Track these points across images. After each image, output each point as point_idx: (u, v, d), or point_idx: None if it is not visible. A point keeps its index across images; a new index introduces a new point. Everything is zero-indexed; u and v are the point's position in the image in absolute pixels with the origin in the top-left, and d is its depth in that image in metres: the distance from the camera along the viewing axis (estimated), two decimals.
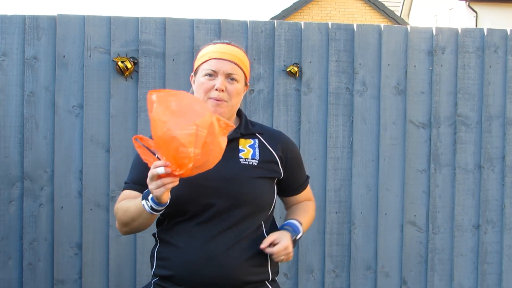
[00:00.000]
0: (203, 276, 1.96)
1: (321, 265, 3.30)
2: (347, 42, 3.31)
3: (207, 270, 1.96)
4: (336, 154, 3.30)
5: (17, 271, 3.16)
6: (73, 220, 3.17)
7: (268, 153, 2.11)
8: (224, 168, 1.97)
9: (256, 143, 2.11)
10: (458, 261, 3.38)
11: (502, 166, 3.39)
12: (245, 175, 2.03)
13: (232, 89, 2.03)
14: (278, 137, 2.18)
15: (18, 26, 3.14)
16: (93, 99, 3.18)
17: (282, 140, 2.18)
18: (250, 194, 2.03)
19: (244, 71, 2.10)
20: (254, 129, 2.15)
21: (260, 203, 2.06)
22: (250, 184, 2.04)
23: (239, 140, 2.09)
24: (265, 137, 2.14)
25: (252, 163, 2.05)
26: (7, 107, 3.14)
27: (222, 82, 2.01)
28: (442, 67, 3.35)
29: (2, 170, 3.14)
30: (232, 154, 2.04)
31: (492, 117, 3.38)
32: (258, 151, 2.09)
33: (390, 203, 3.33)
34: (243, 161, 2.05)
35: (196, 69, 2.10)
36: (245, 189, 2.02)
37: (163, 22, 3.21)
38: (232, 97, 2.04)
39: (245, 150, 2.08)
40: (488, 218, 3.39)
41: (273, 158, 2.11)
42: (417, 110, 3.35)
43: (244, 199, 2.01)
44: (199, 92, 2.05)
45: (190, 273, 1.97)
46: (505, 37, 3.39)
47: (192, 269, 1.96)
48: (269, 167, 2.10)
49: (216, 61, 2.04)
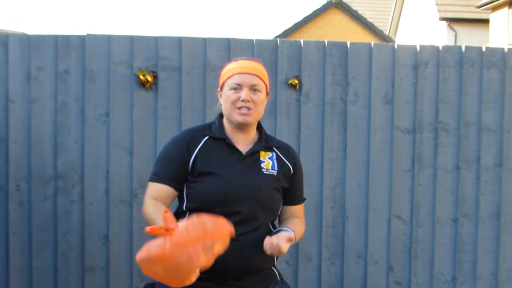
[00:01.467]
0: (227, 266, 1.97)
1: (318, 254, 3.30)
2: (342, 58, 3.30)
3: (231, 261, 1.96)
4: (331, 156, 3.30)
5: (52, 260, 3.17)
6: (100, 214, 3.18)
7: (285, 165, 2.12)
8: (250, 177, 2.01)
9: (274, 155, 2.12)
10: (438, 250, 3.37)
11: (478, 167, 3.38)
12: (268, 185, 2.04)
13: (256, 98, 2.03)
14: (291, 151, 2.18)
15: (52, 44, 3.15)
16: (117, 108, 3.18)
17: (293, 154, 2.18)
18: (271, 203, 2.05)
19: (265, 82, 2.10)
20: (272, 144, 2.15)
21: (276, 209, 2.10)
22: (271, 193, 2.06)
23: (260, 153, 2.09)
24: (280, 151, 2.15)
25: (273, 173, 2.07)
26: (43, 116, 3.15)
27: (247, 93, 2.01)
28: (425, 79, 3.34)
29: (38, 171, 3.15)
30: (255, 164, 2.05)
31: (469, 124, 3.37)
32: (276, 163, 2.10)
33: (379, 199, 3.33)
34: (265, 171, 2.05)
35: (222, 85, 2.08)
36: (268, 197, 2.04)
37: (179, 41, 3.21)
38: (258, 105, 2.04)
39: (265, 161, 2.08)
40: (464, 213, 3.38)
41: (288, 170, 2.12)
42: (403, 118, 3.34)
43: (266, 207, 2.03)
44: (226, 104, 2.04)
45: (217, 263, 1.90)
46: (481, 54, 3.38)
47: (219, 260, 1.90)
48: (285, 177, 2.11)
49: (240, 75, 2.03)
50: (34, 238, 3.16)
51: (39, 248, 3.17)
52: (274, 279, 2.12)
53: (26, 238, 3.16)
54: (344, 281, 3.32)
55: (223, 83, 2.08)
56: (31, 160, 3.15)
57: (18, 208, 3.15)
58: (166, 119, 3.21)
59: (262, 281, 2.07)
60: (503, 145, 3.40)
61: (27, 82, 3.15)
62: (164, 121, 3.20)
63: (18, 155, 3.15)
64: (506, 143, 3.40)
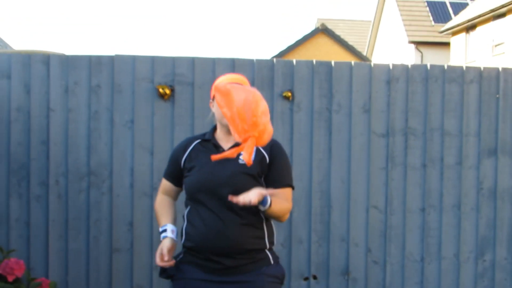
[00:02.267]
0: (215, 247, 1.92)
1: (308, 238, 3.28)
2: (327, 74, 3.29)
3: (217, 242, 1.91)
4: (319, 156, 3.28)
5: (85, 242, 3.16)
6: (126, 205, 3.17)
7: (261, 154, 2.01)
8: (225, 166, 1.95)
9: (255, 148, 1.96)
10: (408, 235, 3.35)
11: (441, 165, 3.36)
12: (241, 171, 1.95)
13: None
14: (272, 144, 2.06)
15: (86, 63, 3.14)
16: (141, 116, 3.17)
17: (274, 146, 2.06)
18: (245, 186, 1.90)
19: None
20: None
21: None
22: (244, 178, 1.95)
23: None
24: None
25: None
26: (78, 122, 3.14)
27: None
28: (397, 92, 3.33)
29: (74, 168, 3.14)
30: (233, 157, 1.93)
31: (433, 129, 3.36)
32: (254, 154, 1.97)
33: (358, 192, 3.31)
34: (241, 161, 1.94)
35: (214, 96, 2.02)
36: (241, 182, 1.93)
37: (192, 60, 3.20)
38: None
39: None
40: (430, 203, 3.36)
41: (264, 158, 2.01)
42: (378, 124, 3.32)
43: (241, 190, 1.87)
44: (218, 111, 1.99)
45: (205, 244, 1.93)
46: (443, 71, 3.37)
47: (206, 241, 1.92)
48: (261, 165, 2.00)
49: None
50: (70, 225, 3.16)
51: (74, 233, 3.16)
52: (267, 261, 2.00)
53: (63, 224, 3.16)
54: (330, 260, 3.30)
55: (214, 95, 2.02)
56: (68, 159, 3.15)
57: (57, 200, 3.14)
58: (181, 125, 3.20)
59: (254, 262, 1.97)
60: (462, 147, 3.39)
61: (65, 94, 3.14)
62: (179, 127, 3.19)
63: (57, 155, 3.14)
64: (465, 145, 3.39)
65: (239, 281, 1.95)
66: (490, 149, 3.39)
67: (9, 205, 3.12)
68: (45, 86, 3.13)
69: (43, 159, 3.13)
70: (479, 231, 3.40)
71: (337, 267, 3.30)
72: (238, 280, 1.94)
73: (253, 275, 1.95)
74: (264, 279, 1.96)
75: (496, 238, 3.41)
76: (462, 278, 3.39)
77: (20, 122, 3.11)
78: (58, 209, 3.14)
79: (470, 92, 3.38)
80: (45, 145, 3.13)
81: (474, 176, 3.38)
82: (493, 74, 3.40)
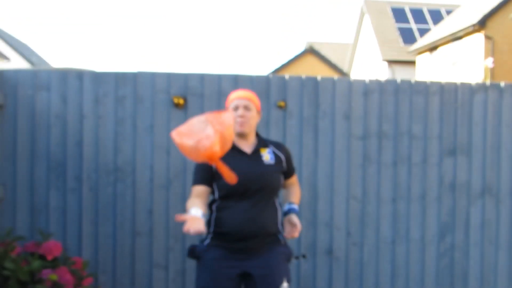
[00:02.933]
0: (246, 231, 2.02)
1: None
2: (314, 87, 3.32)
3: (248, 227, 2.01)
4: (308, 155, 3.31)
5: (112, 227, 3.18)
6: (146, 195, 3.19)
7: (278, 156, 2.18)
8: (255, 168, 2.08)
9: (271, 150, 2.17)
10: (382, 221, 3.37)
11: (409, 163, 3.38)
12: (268, 171, 2.10)
13: (248, 114, 2.10)
14: (281, 146, 2.25)
15: (113, 78, 3.18)
16: (159, 122, 3.20)
17: (283, 147, 2.25)
18: (272, 182, 2.11)
19: (255, 104, 2.15)
20: (268, 143, 2.22)
21: (277, 185, 2.16)
22: (271, 175, 2.11)
23: (260, 150, 2.14)
24: (274, 147, 2.21)
25: (271, 163, 2.13)
26: (106, 127, 3.17)
27: (241, 112, 2.10)
28: (372, 102, 3.36)
29: (103, 165, 3.17)
30: (258, 159, 2.12)
31: (402, 133, 3.38)
32: (273, 155, 2.16)
33: (340, 185, 3.34)
34: (265, 162, 2.12)
35: (228, 106, 2.17)
36: (269, 179, 2.10)
37: (202, 76, 3.24)
38: (249, 119, 2.11)
39: (265, 155, 2.13)
40: (400, 195, 3.38)
41: (281, 159, 2.19)
42: (356, 129, 3.35)
43: (269, 184, 2.09)
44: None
45: (237, 228, 2.02)
46: (411, 85, 3.40)
47: (239, 227, 2.01)
48: (280, 164, 2.17)
49: (237, 100, 2.12)
50: (99, 212, 3.18)
51: (103, 219, 3.18)
52: (278, 243, 2.13)
53: (94, 212, 3.18)
54: (317, 242, 3.33)
55: (228, 105, 2.17)
56: (98, 158, 3.18)
57: (89, 191, 3.17)
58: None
59: (269, 242, 2.09)
60: (426, 148, 3.42)
61: (96, 104, 3.17)
62: None
63: (89, 155, 3.17)
64: (429, 147, 3.42)
65: (258, 257, 2.05)
66: (449, 149, 3.43)
67: (48, 196, 3.15)
68: (78, 97, 3.16)
69: (77, 158, 3.16)
70: (440, 218, 3.43)
71: (323, 247, 3.33)
72: (257, 257, 2.05)
73: (269, 253, 2.07)
74: (277, 256, 2.09)
75: (455, 224, 3.45)
76: (426, 257, 3.43)
77: (58, 127, 3.15)
78: (90, 200, 3.17)
79: (433, 102, 3.42)
80: (79, 146, 3.16)
81: (437, 172, 3.42)
82: (452, 88, 3.44)
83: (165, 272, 3.21)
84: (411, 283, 3.41)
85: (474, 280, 3.46)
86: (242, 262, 2.04)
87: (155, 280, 3.20)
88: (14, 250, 2.82)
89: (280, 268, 2.06)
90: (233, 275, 2.02)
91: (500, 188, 3.46)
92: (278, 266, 2.06)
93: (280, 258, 2.09)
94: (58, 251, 2.85)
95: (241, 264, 2.03)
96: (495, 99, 3.45)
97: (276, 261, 2.06)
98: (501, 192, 3.46)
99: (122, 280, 3.18)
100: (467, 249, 3.45)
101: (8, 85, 3.09)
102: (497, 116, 3.45)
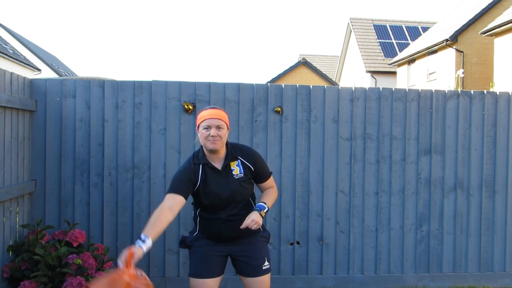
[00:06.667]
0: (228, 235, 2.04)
1: (293, 214, 3.30)
2: (307, 95, 3.31)
3: (230, 233, 2.03)
4: (301, 154, 3.30)
5: (130, 218, 3.18)
6: (160, 190, 3.18)
7: (247, 166, 2.05)
8: (227, 186, 1.99)
9: (239, 162, 2.04)
10: (367, 212, 3.37)
11: (390, 161, 3.38)
12: (239, 184, 2.01)
13: (220, 133, 1.97)
14: (249, 153, 2.06)
15: (131, 86, 3.16)
16: (171, 125, 3.19)
17: (251, 155, 2.06)
18: (245, 192, 2.03)
19: (225, 121, 2.01)
20: (236, 154, 2.04)
21: (250, 193, 2.08)
22: (243, 187, 2.03)
23: (230, 164, 2.02)
24: (242, 157, 2.05)
25: (240, 176, 2.02)
26: (125, 130, 3.16)
27: (214, 131, 1.96)
28: (358, 108, 3.35)
29: (122, 163, 3.16)
30: (228, 174, 2.01)
31: (384, 135, 3.38)
32: (242, 167, 2.03)
33: (330, 180, 3.33)
34: (236, 176, 2.01)
35: (198, 126, 2.02)
36: (242, 191, 2.02)
37: (209, 84, 3.22)
38: (222, 137, 1.98)
39: (234, 169, 2.02)
40: (382, 189, 3.38)
41: (250, 169, 2.05)
42: (344, 131, 3.35)
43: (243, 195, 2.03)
44: (201, 138, 2.00)
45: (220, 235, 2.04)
46: (391, 92, 3.40)
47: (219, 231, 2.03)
48: (250, 173, 2.05)
49: (209, 120, 1.97)
50: (119, 205, 3.17)
51: (122, 211, 3.18)
52: (258, 231, 2.12)
53: (114, 204, 3.17)
54: (309, 230, 3.33)
55: (199, 125, 2.01)
56: (118, 157, 3.17)
57: (109, 186, 3.16)
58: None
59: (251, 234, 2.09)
60: (405, 148, 3.41)
61: (116, 109, 3.16)
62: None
63: (109, 154, 3.16)
64: (407, 147, 3.42)
65: (243, 244, 2.07)
66: (425, 149, 3.42)
67: (74, 191, 3.14)
68: (101, 103, 3.15)
69: (99, 156, 3.15)
70: (418, 209, 3.43)
71: (314, 235, 3.33)
72: (242, 243, 2.07)
73: (251, 239, 2.09)
74: (259, 240, 2.11)
75: (430, 214, 3.44)
76: (405, 243, 3.42)
77: (82, 130, 3.14)
78: (110, 193, 3.16)
79: (411, 108, 3.41)
80: (101, 146, 3.15)
81: (414, 169, 3.41)
82: (428, 95, 3.43)
83: (176, 256, 3.20)
84: (392, 266, 3.41)
85: (447, 263, 3.46)
86: (228, 247, 2.06)
87: (168, 264, 3.20)
88: (44, 238, 2.82)
89: (262, 250, 2.08)
90: (221, 253, 2.06)
91: (470, 183, 3.45)
92: (260, 249, 2.08)
93: (261, 241, 2.10)
94: (82, 239, 2.85)
95: (227, 249, 2.06)
96: (466, 105, 3.45)
97: (259, 245, 2.08)
98: (471, 186, 3.45)
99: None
100: (441, 237, 3.45)
101: (39, 93, 3.08)
102: (467, 119, 3.45)
